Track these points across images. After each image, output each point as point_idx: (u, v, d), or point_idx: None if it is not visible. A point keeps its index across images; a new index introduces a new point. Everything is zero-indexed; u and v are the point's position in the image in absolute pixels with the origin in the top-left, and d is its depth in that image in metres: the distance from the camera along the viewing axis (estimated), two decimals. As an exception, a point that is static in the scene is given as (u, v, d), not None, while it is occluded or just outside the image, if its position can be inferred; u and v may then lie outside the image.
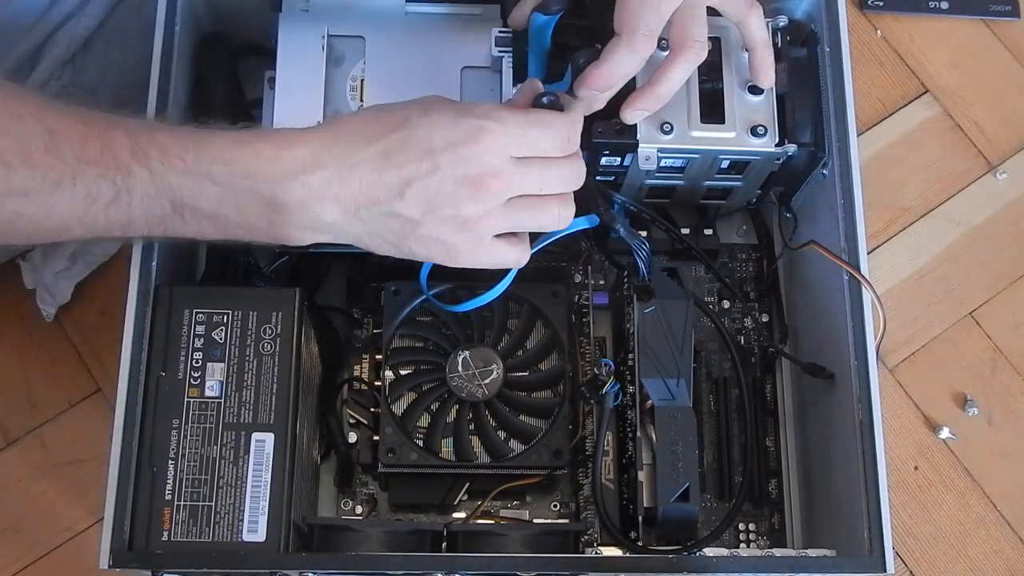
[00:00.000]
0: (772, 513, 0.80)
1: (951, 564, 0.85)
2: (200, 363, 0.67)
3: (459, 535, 0.68)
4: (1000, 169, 0.95)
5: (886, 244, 0.93)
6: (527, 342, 0.78)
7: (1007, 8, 1.00)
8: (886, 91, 0.98)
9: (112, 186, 0.56)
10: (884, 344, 0.71)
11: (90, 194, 0.56)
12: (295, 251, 0.75)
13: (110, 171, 0.56)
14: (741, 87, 0.73)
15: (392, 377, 0.76)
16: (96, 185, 0.56)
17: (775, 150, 0.73)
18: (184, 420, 0.66)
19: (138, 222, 0.58)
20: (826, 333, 0.74)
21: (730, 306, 0.84)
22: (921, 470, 0.87)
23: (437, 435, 0.75)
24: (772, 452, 0.81)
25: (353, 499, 0.78)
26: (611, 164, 0.74)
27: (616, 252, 0.81)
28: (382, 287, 0.77)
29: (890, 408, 0.88)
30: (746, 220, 0.86)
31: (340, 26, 0.74)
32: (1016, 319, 0.92)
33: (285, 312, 0.69)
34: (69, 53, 0.80)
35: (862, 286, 0.70)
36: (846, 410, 0.70)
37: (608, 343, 0.82)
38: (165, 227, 0.59)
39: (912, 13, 1.00)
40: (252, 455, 0.66)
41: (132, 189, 0.56)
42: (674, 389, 0.70)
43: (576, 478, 0.79)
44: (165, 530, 0.64)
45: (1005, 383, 0.90)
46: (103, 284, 0.86)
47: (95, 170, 0.55)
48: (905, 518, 0.86)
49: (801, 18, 0.78)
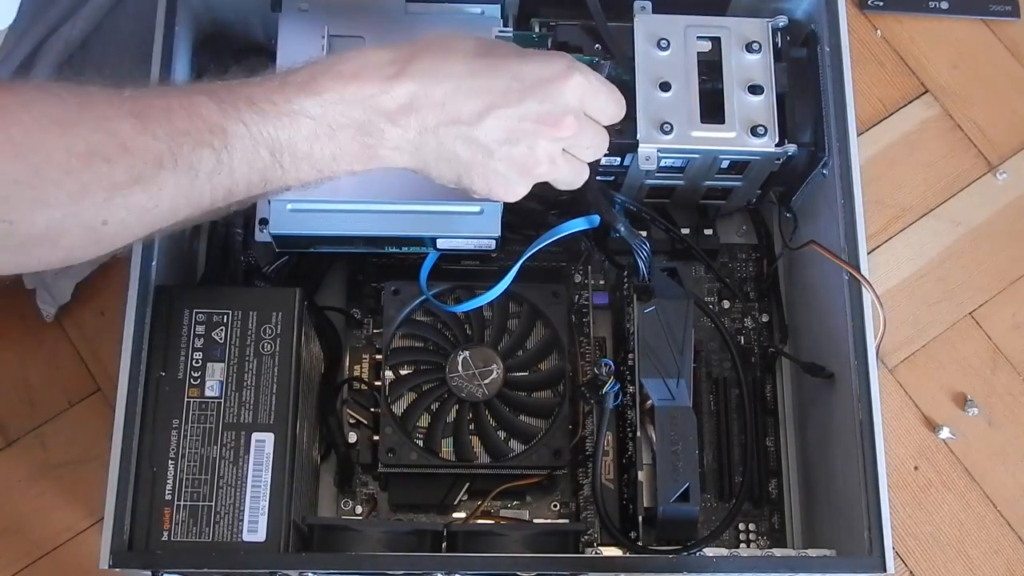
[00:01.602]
0: (772, 513, 0.80)
1: (951, 564, 0.85)
2: (200, 363, 0.67)
3: (459, 535, 0.68)
4: (1000, 169, 0.95)
5: (886, 244, 0.93)
6: (527, 342, 0.78)
7: (1007, 8, 1.00)
8: (886, 91, 0.98)
9: (212, 152, 0.54)
10: (884, 344, 0.71)
11: (192, 167, 0.54)
12: (295, 251, 0.76)
13: (205, 136, 0.54)
14: (741, 87, 0.73)
15: (392, 377, 0.76)
16: (196, 155, 0.54)
17: (775, 150, 0.73)
18: (184, 420, 0.66)
19: (240, 184, 0.56)
20: (826, 333, 0.74)
21: (730, 306, 0.84)
22: (921, 470, 0.87)
23: (437, 435, 0.75)
24: (772, 452, 0.81)
25: (353, 499, 0.78)
26: (611, 164, 0.74)
27: (616, 252, 0.81)
28: (382, 287, 0.77)
29: (890, 408, 0.88)
30: (746, 220, 0.86)
31: (340, 26, 0.73)
32: (1016, 319, 0.92)
33: (285, 312, 0.69)
34: (66, 55, 0.80)
35: (862, 286, 0.70)
36: (846, 410, 0.70)
37: (608, 343, 0.82)
38: (265, 182, 0.57)
39: (912, 13, 1.00)
40: (252, 455, 0.66)
41: (231, 148, 0.55)
42: (674, 389, 0.70)
43: (576, 478, 0.79)
44: (165, 530, 0.64)
45: (1005, 383, 0.90)
46: (103, 284, 0.86)
47: (191, 140, 0.54)
48: (905, 518, 0.86)
49: (801, 18, 0.78)
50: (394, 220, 0.72)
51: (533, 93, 0.60)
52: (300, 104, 0.56)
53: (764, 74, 0.73)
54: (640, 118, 0.72)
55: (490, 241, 0.72)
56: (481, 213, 0.72)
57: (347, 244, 0.73)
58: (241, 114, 0.55)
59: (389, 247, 0.74)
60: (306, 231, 0.71)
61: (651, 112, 0.72)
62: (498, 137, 0.60)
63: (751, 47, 0.74)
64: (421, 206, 0.72)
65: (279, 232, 0.71)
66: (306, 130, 0.56)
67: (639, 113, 0.72)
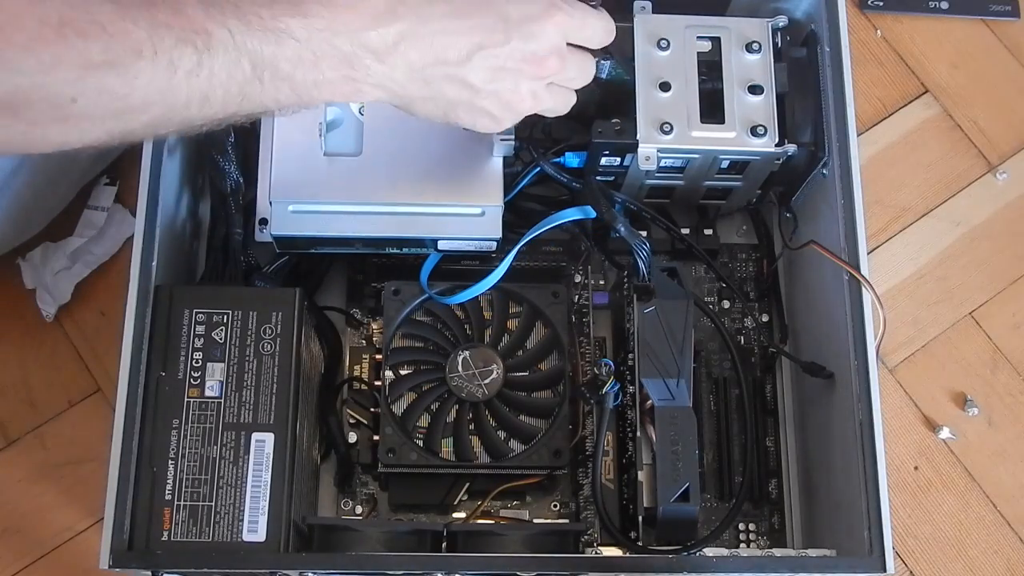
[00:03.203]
0: (772, 513, 0.80)
1: (951, 564, 0.85)
2: (200, 363, 0.67)
3: (459, 535, 0.68)
4: (1000, 169, 0.95)
5: (886, 244, 0.93)
6: (527, 342, 0.78)
7: (1007, 8, 1.00)
8: (886, 91, 0.98)
9: (193, 51, 0.53)
10: (884, 344, 0.71)
11: (172, 62, 0.53)
12: (295, 251, 0.76)
13: (188, 34, 0.53)
14: (741, 87, 0.73)
15: (392, 377, 0.76)
16: (177, 51, 0.53)
17: (775, 150, 0.73)
18: (184, 420, 0.66)
19: (217, 92, 0.55)
20: (826, 333, 0.74)
21: (730, 306, 0.84)
22: (921, 470, 0.87)
23: (437, 435, 0.75)
24: (772, 452, 0.81)
25: (353, 499, 0.78)
26: (611, 164, 0.74)
27: (616, 252, 0.81)
28: (382, 287, 0.77)
29: (890, 408, 0.88)
30: (746, 220, 0.86)
31: None
32: (1016, 319, 0.92)
33: (285, 312, 0.69)
34: None
35: (862, 286, 0.70)
36: (846, 410, 0.70)
37: (608, 343, 0.82)
38: (242, 97, 0.56)
39: (912, 13, 1.00)
40: (252, 455, 0.66)
41: (213, 50, 0.54)
42: (674, 389, 0.70)
43: (576, 478, 0.79)
44: (165, 530, 0.64)
45: (1005, 383, 0.90)
46: (103, 284, 0.86)
47: (173, 35, 0.52)
48: (905, 518, 0.86)
49: (801, 18, 0.78)
50: (395, 222, 0.72)
51: (518, 32, 0.60)
52: (286, 23, 0.55)
53: (764, 74, 0.73)
54: (640, 118, 0.72)
55: (491, 243, 0.72)
56: (482, 215, 0.72)
57: (348, 245, 0.73)
58: (227, 19, 0.54)
59: (390, 248, 0.74)
60: (307, 232, 0.71)
61: (651, 112, 0.72)
62: (484, 77, 0.61)
63: (751, 47, 0.74)
64: (422, 208, 0.72)
65: (280, 233, 0.71)
66: (290, 51, 0.56)
67: (639, 113, 0.72)
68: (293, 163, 0.71)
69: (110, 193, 0.87)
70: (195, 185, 0.80)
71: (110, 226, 0.87)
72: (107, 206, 0.87)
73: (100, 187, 0.88)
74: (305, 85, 0.57)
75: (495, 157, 0.73)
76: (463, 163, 0.72)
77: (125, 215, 0.87)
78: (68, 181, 0.84)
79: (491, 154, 0.73)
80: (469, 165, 0.72)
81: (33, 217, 0.84)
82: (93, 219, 0.86)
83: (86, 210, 0.87)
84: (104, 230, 0.86)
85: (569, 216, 0.72)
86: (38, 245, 0.85)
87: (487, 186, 0.72)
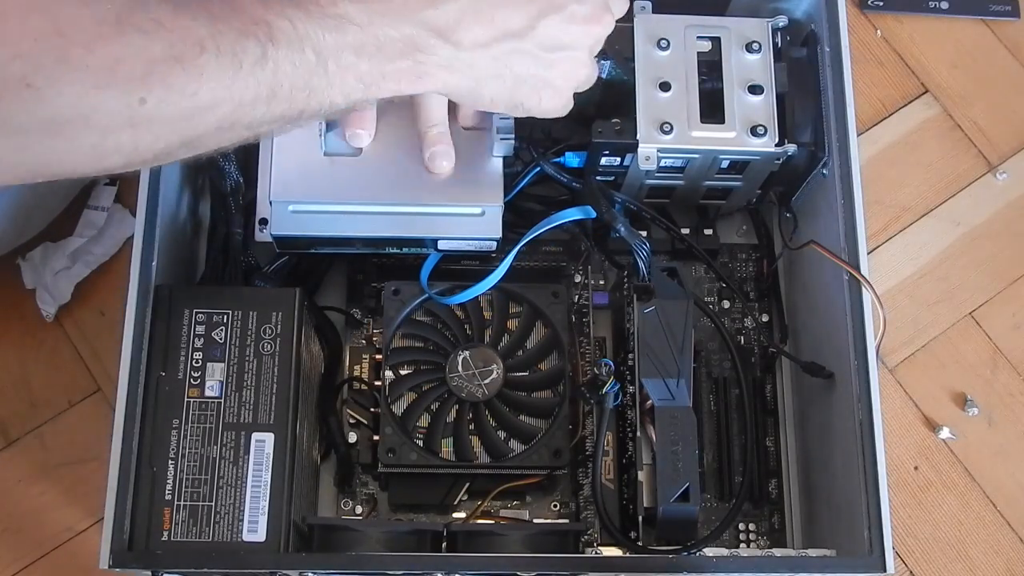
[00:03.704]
0: (772, 513, 0.80)
1: (951, 564, 0.85)
2: (200, 363, 0.67)
3: (459, 535, 0.68)
4: (1000, 169, 0.95)
5: (886, 244, 0.93)
6: (527, 342, 0.78)
7: (1007, 8, 1.00)
8: (886, 91, 0.98)
9: (256, 43, 0.52)
10: (884, 344, 0.71)
11: (235, 55, 0.51)
12: (295, 251, 0.76)
13: (249, 27, 0.52)
14: (741, 87, 0.73)
15: (392, 377, 0.76)
16: (240, 44, 0.51)
17: (775, 150, 0.73)
18: (184, 420, 0.66)
19: (284, 85, 0.53)
20: (826, 333, 0.74)
21: (730, 306, 0.84)
22: (921, 470, 0.87)
23: (437, 435, 0.75)
24: (772, 452, 0.81)
25: (353, 499, 0.78)
26: (611, 164, 0.74)
27: (616, 252, 0.81)
28: (382, 287, 0.77)
29: (890, 408, 0.88)
30: (746, 220, 0.86)
31: None
32: (1016, 319, 0.92)
33: (285, 312, 0.69)
34: None
35: (862, 286, 0.70)
36: (846, 410, 0.70)
37: (608, 343, 0.82)
38: (309, 91, 0.55)
39: (912, 13, 1.00)
40: (252, 455, 0.66)
41: (276, 41, 0.52)
42: (674, 389, 0.70)
43: (576, 478, 0.79)
44: (165, 530, 0.64)
45: (1005, 383, 0.90)
46: (103, 284, 0.86)
47: (233, 29, 0.51)
48: (905, 518, 0.86)
49: (801, 18, 0.78)
50: (395, 222, 0.72)
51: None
52: (344, 8, 0.54)
53: (764, 74, 0.73)
54: (640, 118, 0.72)
55: (491, 242, 0.72)
56: (482, 215, 0.72)
57: (348, 245, 0.73)
58: (285, 9, 0.53)
59: (390, 248, 0.74)
60: (307, 232, 0.71)
61: (651, 112, 0.72)
62: (549, 44, 0.60)
63: (751, 47, 0.74)
64: (422, 208, 0.72)
65: (280, 233, 0.71)
66: (351, 37, 0.55)
67: (639, 113, 0.72)
68: (293, 163, 0.71)
69: (110, 193, 0.87)
70: (195, 185, 0.80)
71: (110, 226, 0.87)
72: (107, 206, 0.87)
73: (100, 187, 0.88)
74: (372, 75, 0.56)
75: (495, 157, 0.73)
76: (463, 163, 0.72)
77: (125, 215, 0.87)
78: (68, 181, 0.84)
79: (491, 154, 0.73)
80: (469, 165, 0.72)
81: (33, 217, 0.84)
82: (93, 219, 0.86)
83: (86, 210, 0.87)
84: (104, 230, 0.86)
85: (569, 216, 0.72)
86: (38, 245, 0.85)
87: (487, 186, 0.72)
